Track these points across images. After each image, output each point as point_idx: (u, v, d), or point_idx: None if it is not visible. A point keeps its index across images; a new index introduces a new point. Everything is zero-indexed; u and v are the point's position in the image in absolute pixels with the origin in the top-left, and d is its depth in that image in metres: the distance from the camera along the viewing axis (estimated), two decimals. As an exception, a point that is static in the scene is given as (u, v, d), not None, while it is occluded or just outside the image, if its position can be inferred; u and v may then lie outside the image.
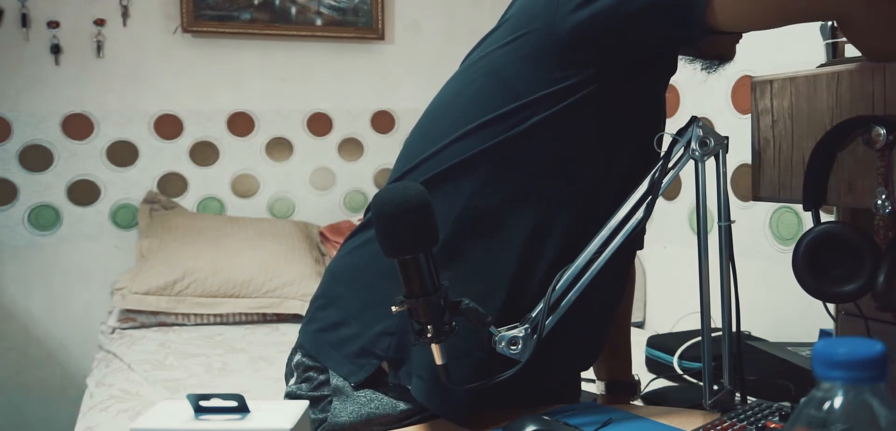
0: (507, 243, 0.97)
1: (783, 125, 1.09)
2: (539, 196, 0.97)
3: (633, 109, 1.01)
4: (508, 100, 0.96)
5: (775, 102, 1.10)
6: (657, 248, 2.51)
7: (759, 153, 1.12)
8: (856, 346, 0.45)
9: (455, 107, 1.03)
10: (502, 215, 0.97)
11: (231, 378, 2.02)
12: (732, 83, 2.16)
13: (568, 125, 0.95)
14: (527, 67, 0.96)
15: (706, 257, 0.97)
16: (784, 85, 1.10)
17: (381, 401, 1.02)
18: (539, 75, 0.95)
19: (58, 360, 2.95)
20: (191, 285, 2.56)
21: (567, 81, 0.93)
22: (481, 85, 1.00)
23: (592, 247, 0.94)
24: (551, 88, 0.94)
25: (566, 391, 1.16)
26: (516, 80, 0.96)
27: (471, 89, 1.02)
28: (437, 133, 1.03)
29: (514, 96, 0.96)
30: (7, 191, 2.87)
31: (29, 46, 2.85)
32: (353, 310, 1.06)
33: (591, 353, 1.17)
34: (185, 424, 0.63)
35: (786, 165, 1.08)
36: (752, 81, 1.14)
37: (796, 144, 1.07)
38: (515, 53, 0.97)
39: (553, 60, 0.94)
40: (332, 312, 1.09)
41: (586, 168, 0.99)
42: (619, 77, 0.95)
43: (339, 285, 1.10)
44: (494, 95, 0.98)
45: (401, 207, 0.81)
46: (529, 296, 0.97)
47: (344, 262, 1.12)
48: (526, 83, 0.95)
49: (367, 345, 1.02)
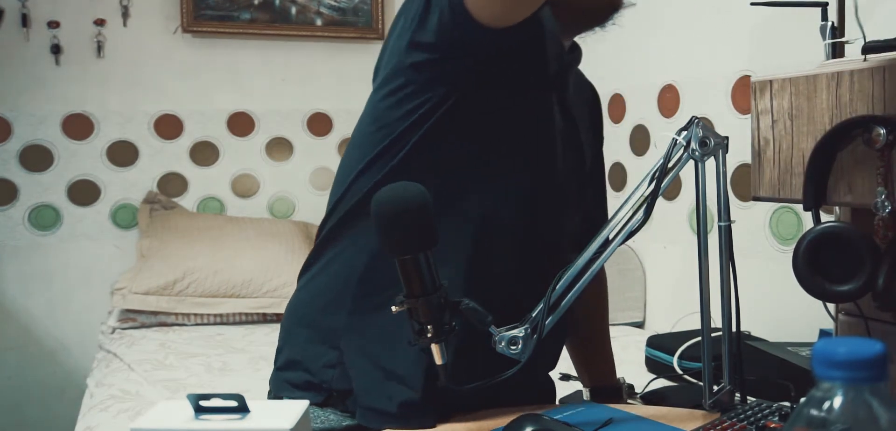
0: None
1: (783, 125, 1.09)
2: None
3: (506, 125, 1.04)
4: (383, 137, 1.03)
5: (775, 102, 1.10)
6: (657, 248, 2.51)
7: (759, 153, 1.12)
8: (856, 346, 0.45)
9: (353, 146, 1.10)
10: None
11: (231, 378, 2.02)
12: (732, 83, 2.16)
13: (438, 152, 1.01)
14: (391, 102, 1.02)
15: (706, 257, 0.97)
16: (784, 85, 1.10)
17: (327, 417, 1.05)
18: (402, 108, 1.01)
19: (58, 360, 2.95)
20: (191, 285, 2.56)
21: (423, 108, 0.99)
22: (364, 126, 1.08)
23: (592, 247, 0.94)
24: (411, 118, 1.00)
25: (539, 394, 1.16)
26: (384, 115, 1.03)
27: (360, 129, 1.09)
28: (343, 175, 1.09)
29: (387, 133, 1.02)
30: (7, 191, 2.87)
31: (29, 46, 2.85)
32: (299, 346, 1.10)
33: (552, 353, 1.20)
34: (185, 424, 0.63)
35: (786, 165, 1.08)
36: (752, 81, 1.14)
37: (796, 144, 1.07)
38: (382, 91, 1.04)
39: (409, 89, 1.00)
40: (285, 350, 1.13)
41: (471, 194, 1.02)
42: (466, 93, 0.99)
43: (290, 322, 1.15)
44: (374, 134, 1.04)
45: (401, 207, 0.81)
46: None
47: (294, 300, 1.16)
48: (393, 117, 1.02)
49: (313, 379, 1.06)
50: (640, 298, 2.57)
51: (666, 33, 2.42)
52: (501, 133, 1.04)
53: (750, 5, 1.52)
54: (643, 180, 0.96)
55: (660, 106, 2.46)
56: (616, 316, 2.52)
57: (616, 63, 2.67)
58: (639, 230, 0.93)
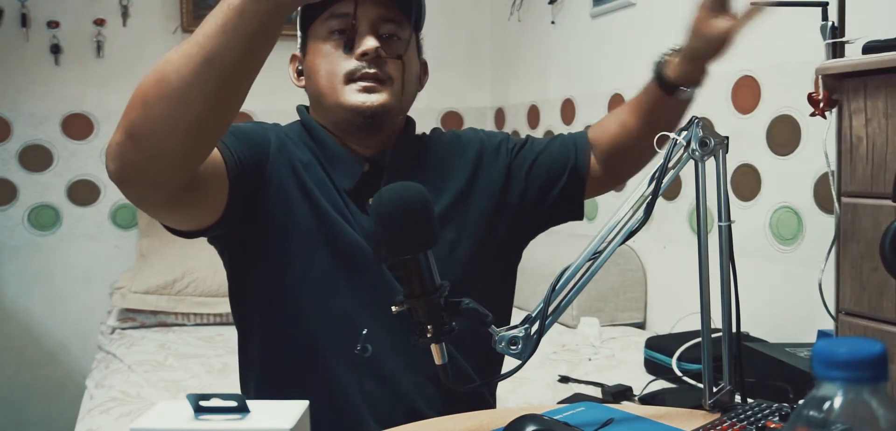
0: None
1: (877, 123, 1.12)
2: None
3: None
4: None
5: (869, 101, 1.12)
6: (657, 248, 2.51)
7: (851, 151, 1.13)
8: (856, 346, 0.44)
9: None
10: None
11: (231, 378, 2.01)
12: (732, 83, 2.16)
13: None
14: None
15: (706, 257, 0.97)
16: (878, 83, 1.13)
17: None
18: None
19: (57, 360, 2.95)
20: (190, 284, 2.56)
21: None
22: None
23: (592, 247, 0.94)
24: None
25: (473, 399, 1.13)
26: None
27: None
28: None
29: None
30: (7, 191, 2.87)
31: (29, 46, 2.85)
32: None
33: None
34: (185, 424, 0.63)
35: (880, 161, 1.11)
36: (844, 79, 1.19)
37: (891, 141, 1.10)
38: None
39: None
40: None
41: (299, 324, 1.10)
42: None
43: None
44: None
45: (401, 207, 0.81)
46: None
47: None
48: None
49: None
50: (641, 298, 2.57)
51: (666, 33, 2.42)
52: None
53: (750, 5, 1.52)
54: (643, 180, 0.96)
55: (660, 106, 2.46)
56: (616, 317, 2.52)
57: (616, 63, 2.68)
58: (639, 230, 0.93)
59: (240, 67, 0.79)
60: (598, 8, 2.71)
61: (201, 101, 0.79)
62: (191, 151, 0.84)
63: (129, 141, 0.82)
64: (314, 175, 1.09)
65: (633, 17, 2.57)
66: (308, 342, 1.08)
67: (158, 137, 0.80)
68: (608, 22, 2.70)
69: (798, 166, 1.97)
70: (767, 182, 2.07)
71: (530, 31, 3.18)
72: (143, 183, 0.86)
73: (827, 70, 1.22)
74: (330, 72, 1.09)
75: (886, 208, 1.12)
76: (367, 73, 1.06)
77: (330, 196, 1.09)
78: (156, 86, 0.79)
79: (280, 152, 1.08)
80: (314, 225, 1.07)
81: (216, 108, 0.81)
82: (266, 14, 0.77)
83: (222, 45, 0.77)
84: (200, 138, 0.84)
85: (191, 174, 0.88)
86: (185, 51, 0.78)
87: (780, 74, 2.02)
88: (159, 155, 0.82)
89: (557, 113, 3.03)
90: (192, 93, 0.78)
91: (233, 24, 0.76)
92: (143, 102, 0.80)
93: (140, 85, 0.82)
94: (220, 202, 0.99)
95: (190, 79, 0.78)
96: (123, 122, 0.82)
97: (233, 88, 0.81)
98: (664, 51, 1.16)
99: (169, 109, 0.79)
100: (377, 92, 1.07)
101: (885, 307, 1.14)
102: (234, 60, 0.78)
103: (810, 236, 1.93)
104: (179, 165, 0.85)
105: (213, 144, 0.90)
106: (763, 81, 2.08)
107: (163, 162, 0.83)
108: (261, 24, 0.77)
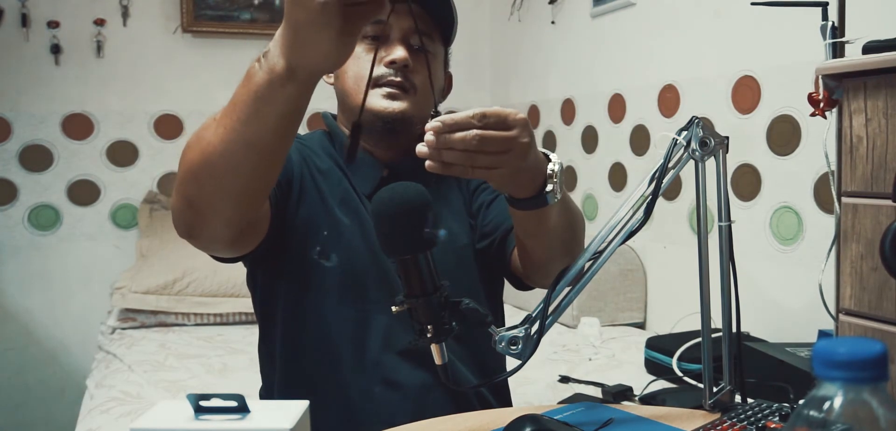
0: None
1: (877, 123, 1.12)
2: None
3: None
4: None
5: (869, 101, 1.12)
6: (657, 248, 2.51)
7: (851, 150, 1.13)
8: (856, 346, 0.44)
9: None
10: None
11: (231, 378, 2.02)
12: (732, 83, 2.16)
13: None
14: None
15: (706, 257, 0.97)
16: (879, 83, 1.12)
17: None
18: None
19: (58, 360, 2.95)
20: (190, 284, 2.56)
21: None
22: None
23: (592, 247, 0.94)
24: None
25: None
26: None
27: None
28: None
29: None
30: (7, 191, 2.87)
31: (29, 46, 2.85)
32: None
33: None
34: (185, 424, 0.63)
35: (880, 161, 1.11)
36: (844, 78, 1.18)
37: (891, 141, 1.11)
38: None
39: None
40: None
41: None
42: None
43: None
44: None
45: (401, 207, 0.81)
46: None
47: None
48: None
49: None
50: (641, 298, 2.57)
51: (666, 33, 2.42)
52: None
53: (750, 5, 1.52)
54: (643, 180, 0.96)
55: (660, 106, 2.46)
56: (616, 317, 2.52)
57: (616, 63, 2.67)
58: (639, 230, 0.93)
59: (279, 137, 0.83)
60: (598, 8, 2.71)
61: (248, 174, 0.85)
62: (246, 209, 0.92)
63: (188, 210, 0.90)
64: (333, 181, 1.14)
65: (633, 17, 2.57)
66: (324, 344, 1.10)
67: (214, 206, 0.88)
68: (608, 22, 2.70)
69: (798, 166, 1.97)
70: (767, 182, 2.07)
71: (530, 32, 3.18)
72: (207, 238, 0.95)
73: (827, 70, 1.22)
74: (357, 74, 1.12)
75: (886, 208, 1.12)
76: (393, 80, 1.10)
77: (349, 202, 1.13)
78: (205, 167, 0.85)
79: (302, 164, 1.13)
80: (331, 230, 1.11)
81: (262, 176, 0.88)
82: (294, 97, 0.80)
83: (260, 130, 0.81)
84: (253, 198, 0.91)
85: (248, 222, 0.97)
86: (225, 136, 0.82)
87: (780, 74, 2.02)
88: (217, 217, 0.90)
89: (557, 113, 3.03)
90: (240, 170, 0.84)
91: (266, 111, 0.80)
92: (194, 178, 0.86)
93: (187, 159, 0.87)
94: (265, 228, 1.05)
95: (234, 162, 0.83)
96: (180, 191, 0.90)
97: (277, 158, 0.87)
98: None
99: (220, 184, 0.85)
100: (400, 99, 1.10)
101: (885, 307, 1.14)
102: (272, 139, 0.83)
103: (810, 236, 1.93)
104: (237, 221, 0.93)
105: (265, 197, 0.97)
106: (763, 81, 2.08)
107: (221, 221, 0.91)
108: (291, 104, 0.80)
